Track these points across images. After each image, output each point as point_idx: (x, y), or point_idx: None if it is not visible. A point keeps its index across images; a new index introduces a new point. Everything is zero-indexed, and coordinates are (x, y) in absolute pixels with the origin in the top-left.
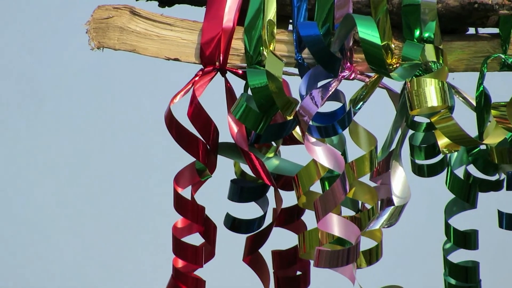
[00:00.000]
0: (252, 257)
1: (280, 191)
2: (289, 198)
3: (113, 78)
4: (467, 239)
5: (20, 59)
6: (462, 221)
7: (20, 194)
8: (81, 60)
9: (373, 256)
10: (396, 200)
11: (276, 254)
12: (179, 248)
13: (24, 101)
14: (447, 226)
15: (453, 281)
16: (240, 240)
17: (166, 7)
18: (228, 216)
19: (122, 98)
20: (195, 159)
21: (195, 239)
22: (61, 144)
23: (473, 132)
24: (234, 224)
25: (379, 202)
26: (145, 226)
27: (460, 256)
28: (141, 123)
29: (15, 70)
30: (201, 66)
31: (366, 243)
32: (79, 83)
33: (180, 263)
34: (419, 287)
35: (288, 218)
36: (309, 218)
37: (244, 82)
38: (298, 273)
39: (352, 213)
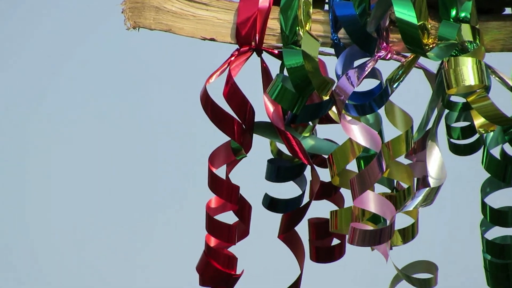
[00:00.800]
0: (287, 235)
1: (318, 169)
2: (327, 175)
3: (145, 60)
4: (502, 217)
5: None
6: (498, 200)
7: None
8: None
9: (408, 234)
10: (432, 182)
11: (313, 223)
12: (212, 226)
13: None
14: (483, 204)
15: (490, 257)
16: (274, 217)
17: None
18: (266, 196)
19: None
20: (230, 139)
21: (229, 217)
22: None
23: (509, 111)
24: (272, 203)
25: (415, 180)
26: (143, 226)
27: (498, 233)
28: (171, 109)
29: (18, 67)
30: (236, 46)
31: (403, 221)
32: (100, 72)
33: (213, 241)
34: (457, 264)
35: (326, 192)
36: (345, 194)
37: (280, 62)
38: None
39: (387, 191)
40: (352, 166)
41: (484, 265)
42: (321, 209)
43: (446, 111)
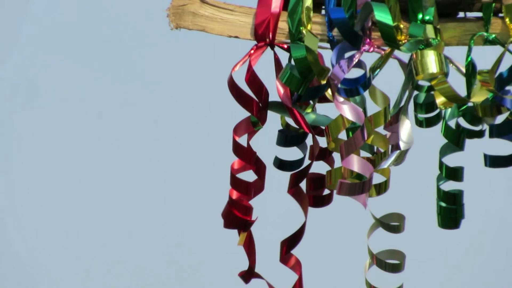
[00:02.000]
0: (294, 190)
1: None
2: (323, 142)
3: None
4: (455, 173)
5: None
6: (452, 160)
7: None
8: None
9: (382, 188)
10: (402, 145)
11: (310, 178)
12: (234, 182)
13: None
14: (441, 163)
15: (443, 204)
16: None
17: None
18: (276, 158)
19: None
20: (250, 114)
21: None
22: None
23: (463, 92)
24: (281, 164)
25: (390, 146)
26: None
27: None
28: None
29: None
30: (255, 42)
31: (378, 179)
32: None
33: (235, 194)
34: (415, 209)
35: (322, 156)
36: (336, 158)
37: (288, 54)
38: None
39: (368, 155)
40: (343, 135)
41: (437, 210)
42: (318, 169)
43: (415, 92)
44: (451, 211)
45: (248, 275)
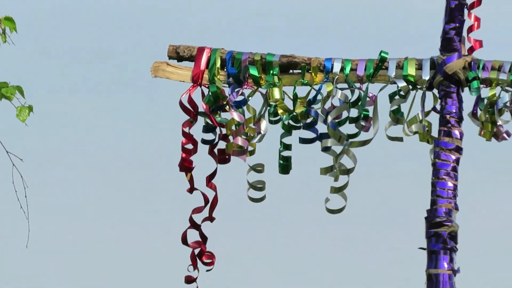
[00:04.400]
0: (211, 153)
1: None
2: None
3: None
4: (288, 146)
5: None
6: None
7: None
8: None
9: (253, 152)
10: (262, 132)
11: (219, 150)
12: (184, 150)
13: None
14: (281, 141)
15: (281, 162)
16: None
17: (180, 62)
18: (202, 138)
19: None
20: (189, 117)
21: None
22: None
23: (292, 107)
24: (203, 141)
25: (256, 133)
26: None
27: None
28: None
29: None
30: (192, 84)
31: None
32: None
33: (184, 155)
34: (270, 162)
35: (224, 137)
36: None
37: (208, 89)
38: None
39: (245, 137)
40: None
41: (278, 164)
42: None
43: (269, 107)
44: (285, 165)
45: (191, 190)
